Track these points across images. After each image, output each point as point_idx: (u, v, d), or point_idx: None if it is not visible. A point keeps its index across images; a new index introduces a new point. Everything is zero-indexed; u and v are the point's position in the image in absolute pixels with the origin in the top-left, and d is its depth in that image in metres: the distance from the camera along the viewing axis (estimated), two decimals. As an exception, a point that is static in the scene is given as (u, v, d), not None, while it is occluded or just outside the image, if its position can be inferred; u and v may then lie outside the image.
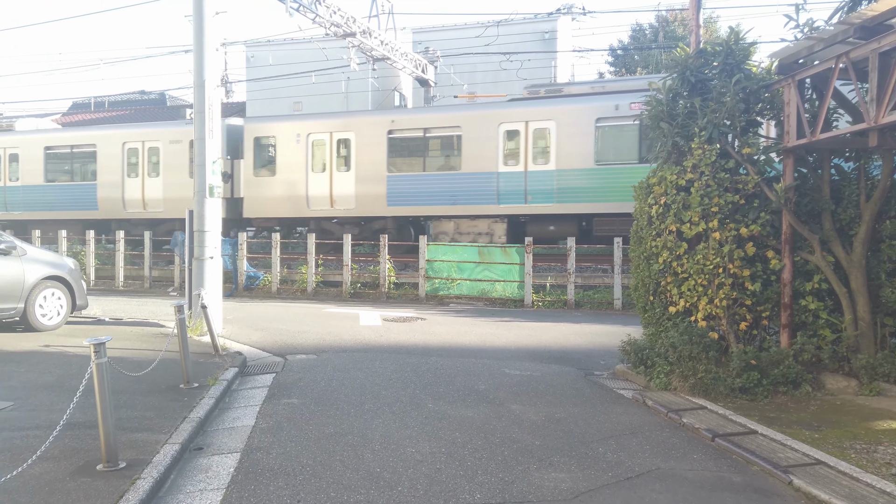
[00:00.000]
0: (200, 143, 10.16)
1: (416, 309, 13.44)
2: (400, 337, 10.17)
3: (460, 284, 14.62)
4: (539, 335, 10.41)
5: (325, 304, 14.12)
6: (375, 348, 9.30)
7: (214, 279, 10.13)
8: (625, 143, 15.61)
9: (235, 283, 16.01)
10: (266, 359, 8.85)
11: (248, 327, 10.96)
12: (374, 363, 8.30)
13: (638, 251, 8.02)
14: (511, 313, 12.98)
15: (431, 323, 11.59)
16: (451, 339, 10.08)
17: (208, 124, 10.14)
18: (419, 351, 9.13)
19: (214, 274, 10.14)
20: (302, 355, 8.94)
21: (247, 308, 13.46)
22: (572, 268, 13.48)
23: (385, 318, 12.07)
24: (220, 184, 10.35)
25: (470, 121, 16.86)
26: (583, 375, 7.93)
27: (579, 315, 12.76)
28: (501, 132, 16.50)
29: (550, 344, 9.73)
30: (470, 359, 8.64)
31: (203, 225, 10.13)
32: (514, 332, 10.73)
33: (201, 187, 10.14)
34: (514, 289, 14.11)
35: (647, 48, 34.44)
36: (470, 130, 16.71)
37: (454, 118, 17.35)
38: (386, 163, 17.37)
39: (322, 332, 10.50)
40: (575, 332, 10.68)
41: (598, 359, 8.82)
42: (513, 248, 14.55)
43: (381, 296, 14.96)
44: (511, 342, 9.85)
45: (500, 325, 11.34)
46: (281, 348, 9.39)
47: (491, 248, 14.85)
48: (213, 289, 10.09)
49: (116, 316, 11.51)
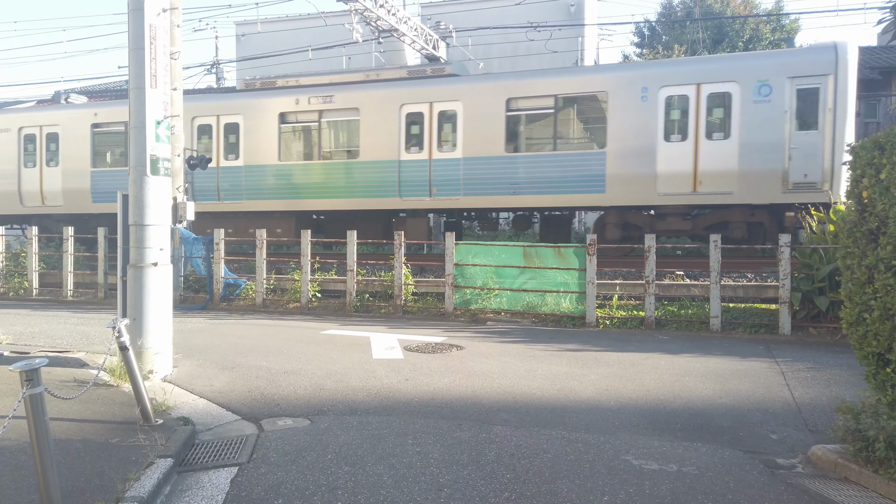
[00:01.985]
0: (138, 95, 6.83)
1: (444, 329, 10.12)
2: (434, 381, 6.86)
3: (499, 295, 11.29)
4: (637, 377, 7.09)
5: (323, 322, 10.80)
6: (402, 406, 5.99)
7: (159, 297, 6.81)
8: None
9: (210, 294, 12.69)
10: (228, 428, 5.53)
11: (213, 364, 7.64)
12: (405, 443, 4.99)
13: (856, 261, 4.69)
14: (573, 336, 9.67)
15: (472, 353, 8.28)
16: (510, 384, 6.76)
17: (148, 66, 6.81)
18: (471, 411, 5.82)
19: (159, 289, 6.82)
20: (287, 420, 5.63)
21: (219, 329, 10.13)
22: (652, 275, 10.14)
23: (406, 345, 8.76)
24: (167, 155, 7.02)
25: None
26: (765, 470, 4.62)
27: (666, 339, 9.44)
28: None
29: (665, 395, 6.41)
30: (558, 430, 5.33)
31: (142, 215, 6.81)
32: (595, 370, 7.41)
33: (139, 160, 6.81)
34: (571, 301, 10.79)
35: (682, 22, 31.10)
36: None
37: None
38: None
39: (319, 373, 7.18)
40: (686, 372, 7.36)
41: (762, 427, 5.51)
42: (569, 248, 11.21)
43: (396, 310, 11.62)
44: (604, 391, 6.54)
45: (571, 359, 8.02)
46: (256, 404, 6.09)
47: (539, 248, 11.50)
48: (156, 312, 6.77)
49: (25, 346, 8.16)
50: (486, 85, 15.19)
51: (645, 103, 13.68)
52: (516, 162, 14.52)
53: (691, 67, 14.23)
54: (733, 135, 13.36)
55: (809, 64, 13.19)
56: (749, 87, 13.24)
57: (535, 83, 14.85)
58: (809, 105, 13.14)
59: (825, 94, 12.95)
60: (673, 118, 13.82)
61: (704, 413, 5.85)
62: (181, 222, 13.44)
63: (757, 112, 13.22)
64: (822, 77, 13.01)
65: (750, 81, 13.27)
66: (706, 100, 13.59)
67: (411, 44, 23.66)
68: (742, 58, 16.06)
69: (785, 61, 13.46)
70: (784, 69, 13.21)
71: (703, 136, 13.54)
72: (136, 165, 6.83)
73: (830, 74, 12.89)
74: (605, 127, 13.99)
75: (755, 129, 13.20)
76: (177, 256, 12.90)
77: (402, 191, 15.11)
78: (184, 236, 13.02)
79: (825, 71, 12.95)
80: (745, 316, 10.17)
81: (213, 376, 7.06)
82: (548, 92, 14.60)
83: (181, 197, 13.54)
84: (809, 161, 12.96)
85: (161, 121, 6.91)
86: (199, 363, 7.64)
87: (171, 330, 7.02)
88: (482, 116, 14.72)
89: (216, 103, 17.03)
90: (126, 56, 7.02)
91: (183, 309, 12.24)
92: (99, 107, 18.02)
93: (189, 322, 10.66)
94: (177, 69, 13.46)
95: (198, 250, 12.96)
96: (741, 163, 13.22)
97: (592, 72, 16.74)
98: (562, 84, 14.66)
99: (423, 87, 15.52)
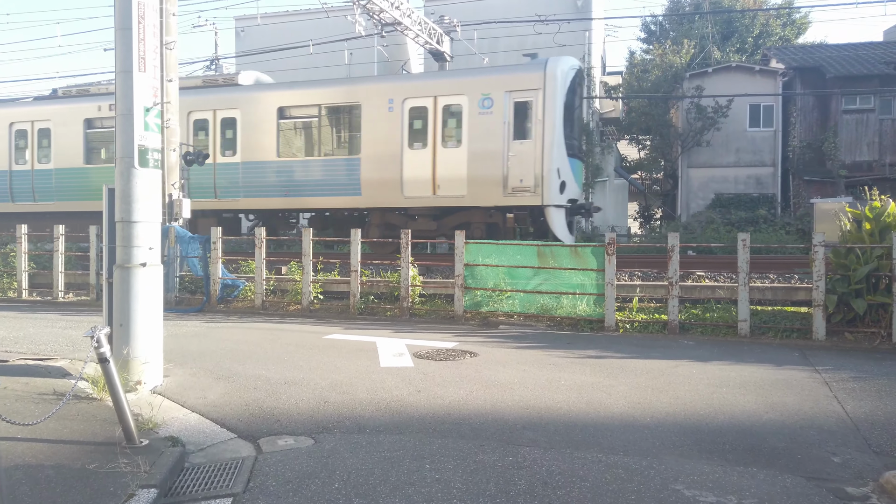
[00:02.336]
0: (124, 80, 6.23)
1: (454, 333, 9.53)
2: (449, 393, 6.26)
3: (511, 297, 10.70)
4: (669, 388, 6.50)
5: (326, 326, 10.21)
6: (416, 422, 5.39)
7: (148, 301, 6.21)
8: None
9: (207, 295, 12.09)
10: (223, 448, 4.94)
11: (208, 373, 7.05)
12: (422, 469, 4.40)
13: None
14: (592, 341, 9.07)
15: (488, 361, 7.68)
16: (533, 396, 6.17)
17: (136, 48, 6.22)
18: (493, 429, 5.23)
19: (148, 292, 6.22)
20: (288, 439, 5.04)
21: (216, 334, 9.54)
22: (675, 276, 9.54)
23: (416, 351, 8.16)
24: (157, 145, 6.43)
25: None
26: (836, 501, 4.03)
27: (693, 345, 8.85)
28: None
29: (705, 409, 5.81)
30: (593, 452, 4.73)
31: (129, 211, 6.21)
32: (623, 380, 6.82)
33: (126, 150, 6.22)
34: (588, 303, 10.19)
35: (690, 18, 30.49)
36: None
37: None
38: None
39: (323, 384, 6.59)
40: (721, 382, 6.76)
41: (820, 448, 4.91)
42: (587, 247, 10.61)
43: (402, 312, 11.03)
44: (636, 405, 5.94)
45: (594, 367, 7.43)
46: (254, 420, 5.49)
47: (555, 248, 10.90)
48: (145, 317, 6.18)
49: (5, 353, 7.54)
50: (261, 94, 16.56)
51: (392, 114, 15.05)
52: (287, 166, 15.83)
53: (430, 81, 15.88)
54: (464, 143, 14.71)
55: (523, 80, 14.46)
56: (475, 100, 14.59)
57: (303, 93, 16.24)
58: (524, 117, 14.41)
59: (537, 108, 14.20)
60: (416, 128, 15.13)
61: (752, 431, 5.25)
62: (177, 220, 12.86)
63: (481, 123, 14.54)
64: (534, 91, 14.24)
65: (475, 95, 14.58)
66: (442, 111, 14.94)
67: (415, 38, 23.06)
68: (470, 72, 17.52)
69: (504, 77, 14.79)
70: (503, 84, 14.51)
71: (440, 144, 14.89)
72: (123, 157, 6.23)
73: (540, 89, 14.15)
74: (360, 135, 15.42)
75: (480, 138, 14.53)
76: (172, 256, 12.32)
77: (192, 192, 16.37)
78: (179, 235, 12.43)
79: (536, 86, 14.20)
80: (775, 320, 9.58)
81: (208, 387, 6.47)
82: (313, 102, 15.92)
83: (177, 194, 12.96)
84: (524, 168, 14.22)
85: (150, 108, 6.32)
86: (192, 372, 7.04)
87: (161, 336, 6.43)
88: (257, 123, 16.07)
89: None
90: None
91: (178, 311, 11.65)
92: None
93: (184, 325, 10.07)
94: (172, 60, 12.88)
95: (194, 249, 12.37)
96: (469, 169, 14.56)
97: (350, 83, 17.44)
98: (325, 94, 16.00)
99: (208, 95, 16.73)
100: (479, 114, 14.51)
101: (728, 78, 25.77)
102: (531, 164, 14.15)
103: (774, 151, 25.82)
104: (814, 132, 24.70)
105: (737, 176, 26.03)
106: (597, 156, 27.88)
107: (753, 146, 25.95)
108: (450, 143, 14.93)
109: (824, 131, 24.39)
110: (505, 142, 14.34)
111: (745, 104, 25.31)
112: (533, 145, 14.17)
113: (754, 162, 25.95)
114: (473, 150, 14.56)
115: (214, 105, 16.51)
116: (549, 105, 14.09)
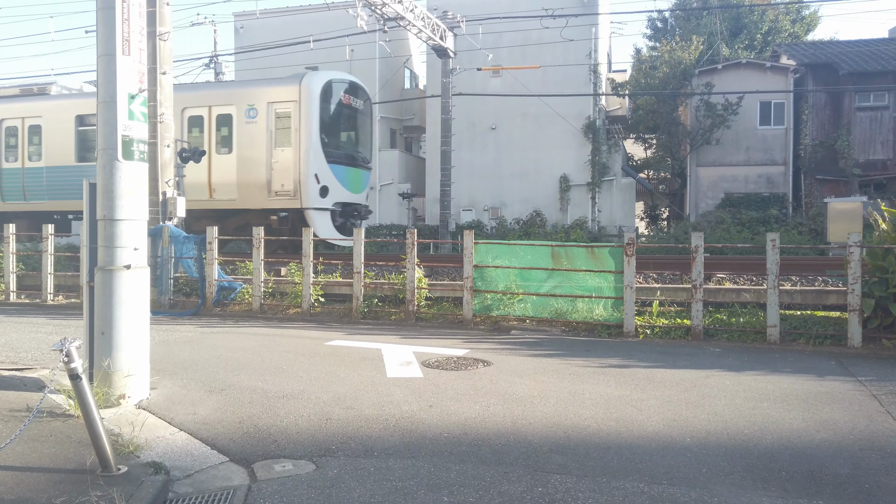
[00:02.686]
0: (107, 64, 5.66)
1: (464, 340, 8.96)
2: (463, 408, 5.69)
3: (523, 301, 10.13)
4: (705, 402, 5.92)
5: (327, 331, 9.64)
6: (429, 444, 4.82)
7: (133, 307, 5.64)
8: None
9: (202, 298, 11.52)
10: (212, 474, 4.37)
11: (199, 384, 6.47)
12: (439, 500, 3.83)
13: None
14: (612, 348, 8.50)
15: (503, 371, 7.11)
16: (556, 412, 5.59)
17: (120, 29, 5.65)
18: (516, 452, 4.65)
19: (133, 297, 5.66)
20: (286, 464, 4.47)
21: (210, 340, 8.97)
22: (699, 278, 8.96)
23: (425, 359, 7.59)
24: (143, 136, 5.86)
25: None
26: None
27: (720, 352, 8.27)
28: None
29: (748, 428, 5.24)
30: (633, 481, 4.16)
31: (112, 208, 5.64)
32: (652, 393, 6.24)
33: (108, 141, 5.65)
34: (606, 307, 9.62)
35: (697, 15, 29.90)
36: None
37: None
38: None
39: (325, 397, 6.02)
40: (760, 395, 6.18)
41: (887, 475, 4.34)
42: (604, 248, 10.04)
43: (408, 316, 10.46)
44: (671, 422, 5.36)
45: (619, 378, 6.85)
46: (248, 440, 4.92)
47: (570, 248, 10.32)
48: (129, 325, 5.61)
49: (-21, 363, 6.99)
50: (62, 103, 17.36)
51: (171, 122, 15.36)
52: (85, 170, 15.83)
53: (205, 92, 16.83)
54: (234, 150, 15.86)
55: (282, 92, 15.67)
56: (242, 110, 15.78)
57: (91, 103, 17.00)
58: (284, 127, 15.60)
59: (295, 119, 15.47)
60: (194, 135, 16.07)
61: (807, 454, 4.68)
62: (171, 219, 12.31)
63: (248, 132, 15.73)
64: (292, 103, 15.49)
65: (243, 105, 15.79)
66: (216, 120, 15.98)
67: (418, 33, 22.53)
68: (240, 84, 19.14)
69: (267, 89, 16.06)
70: (266, 96, 15.75)
71: (214, 151, 15.94)
72: (106, 148, 5.66)
73: (296, 101, 15.42)
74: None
75: (248, 146, 15.70)
76: (166, 257, 11.76)
77: (5, 195, 17.75)
78: (174, 235, 11.86)
79: (293, 98, 15.49)
80: (806, 325, 9.00)
81: (198, 401, 5.90)
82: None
83: (171, 192, 12.40)
84: (286, 173, 15.52)
85: (136, 95, 5.75)
86: (182, 384, 6.48)
87: (147, 345, 5.86)
88: (60, 131, 16.87)
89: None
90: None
91: (172, 315, 11.09)
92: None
93: (176, 331, 9.51)
94: (166, 52, 12.34)
95: (189, 250, 11.80)
96: (239, 174, 15.76)
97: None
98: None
99: (18, 104, 17.78)
100: (245, 123, 15.75)
101: (738, 75, 25.19)
102: (291, 170, 15.45)
103: (786, 150, 25.23)
104: (826, 130, 24.12)
105: (747, 175, 25.45)
106: (603, 154, 27.33)
107: (764, 144, 25.36)
108: (223, 150, 16.05)
109: (837, 129, 23.82)
110: (268, 149, 15.62)
111: (755, 101, 24.73)
112: (293, 152, 15.43)
113: (765, 160, 25.35)
114: (242, 156, 15.74)
115: (23, 112, 17.65)
116: (304, 116, 15.34)
